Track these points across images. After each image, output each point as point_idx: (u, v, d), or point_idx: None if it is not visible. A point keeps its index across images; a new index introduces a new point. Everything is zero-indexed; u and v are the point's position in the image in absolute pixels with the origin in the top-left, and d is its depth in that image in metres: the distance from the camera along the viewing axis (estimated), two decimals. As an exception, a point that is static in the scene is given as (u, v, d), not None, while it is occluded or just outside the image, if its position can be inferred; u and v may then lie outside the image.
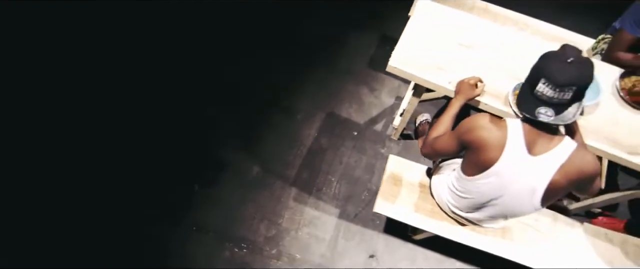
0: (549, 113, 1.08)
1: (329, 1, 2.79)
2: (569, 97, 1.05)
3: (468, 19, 1.77)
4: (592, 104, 1.50)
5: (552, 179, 1.15)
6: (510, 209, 1.33)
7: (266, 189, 2.13)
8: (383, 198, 1.71)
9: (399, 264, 1.98)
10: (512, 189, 1.23)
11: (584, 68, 1.04)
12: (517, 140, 1.15)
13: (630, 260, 1.65)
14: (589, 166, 1.13)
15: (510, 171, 1.19)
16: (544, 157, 1.14)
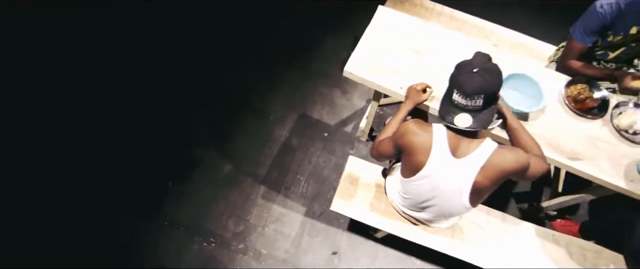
0: (467, 120, 1.15)
1: (305, 3, 2.86)
2: (480, 103, 1.13)
3: (424, 27, 1.83)
4: (535, 110, 1.56)
5: (474, 180, 1.22)
6: (445, 209, 1.40)
7: (236, 186, 2.22)
8: (340, 197, 1.79)
9: (360, 261, 2.07)
10: (442, 191, 1.31)
11: (488, 76, 1.12)
12: (442, 144, 1.23)
13: (574, 261, 1.72)
14: (509, 164, 1.20)
15: (437, 173, 1.27)
16: (466, 160, 1.21)
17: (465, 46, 1.77)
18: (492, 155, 1.20)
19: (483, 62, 1.15)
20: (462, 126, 1.16)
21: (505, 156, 1.21)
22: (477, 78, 1.12)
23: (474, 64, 1.14)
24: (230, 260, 2.04)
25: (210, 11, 2.81)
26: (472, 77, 1.12)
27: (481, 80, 1.11)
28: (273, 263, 2.04)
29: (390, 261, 2.07)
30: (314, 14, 2.81)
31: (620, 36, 1.72)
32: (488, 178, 1.22)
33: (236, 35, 2.74)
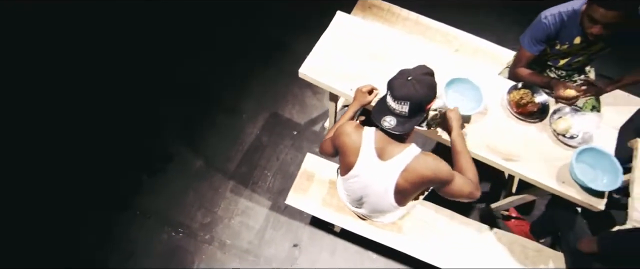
0: (392, 122, 1.24)
1: (279, 3, 2.95)
2: (406, 110, 1.21)
3: (381, 32, 1.92)
4: (473, 113, 1.64)
5: (396, 182, 1.31)
6: (376, 206, 1.50)
7: (207, 180, 2.34)
8: (295, 192, 1.89)
9: (320, 253, 2.17)
10: (371, 189, 1.41)
11: (418, 87, 1.19)
12: (369, 146, 1.32)
13: (515, 259, 1.79)
14: (428, 171, 1.28)
15: (365, 173, 1.36)
16: (390, 162, 1.30)
17: (421, 51, 1.86)
18: (413, 160, 1.28)
19: (419, 74, 1.22)
20: (386, 127, 1.25)
21: (426, 163, 1.29)
22: (408, 85, 1.20)
23: (410, 73, 1.23)
24: (196, 249, 2.15)
25: (188, 12, 2.93)
26: (405, 84, 1.20)
27: (411, 88, 1.19)
28: (236, 253, 2.15)
29: (348, 255, 2.16)
30: (289, 16, 2.91)
31: (566, 45, 1.80)
32: (408, 181, 1.31)
33: (213, 37, 2.85)
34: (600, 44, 1.76)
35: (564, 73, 2.01)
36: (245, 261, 2.13)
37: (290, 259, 2.15)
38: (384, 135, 1.31)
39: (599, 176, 1.57)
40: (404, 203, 1.44)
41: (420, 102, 1.22)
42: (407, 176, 1.29)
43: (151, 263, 2.12)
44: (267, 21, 2.89)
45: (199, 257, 2.13)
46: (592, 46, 1.78)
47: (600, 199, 1.55)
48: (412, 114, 1.23)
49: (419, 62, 1.35)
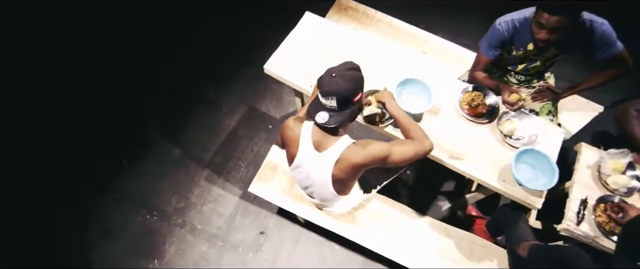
0: (325, 117, 1.33)
1: (260, 4, 3.06)
2: (334, 104, 1.30)
3: (344, 32, 2.01)
4: (420, 112, 1.74)
5: (332, 172, 1.41)
6: (322, 196, 1.60)
7: (183, 168, 2.47)
8: (258, 180, 2.00)
9: (284, 241, 2.27)
10: (313, 180, 1.51)
11: (341, 82, 1.29)
12: (307, 139, 1.42)
13: (461, 253, 1.87)
14: (360, 159, 1.37)
15: (305, 164, 1.46)
16: (325, 154, 1.40)
17: (385, 52, 1.95)
18: (344, 150, 1.38)
19: (342, 70, 1.33)
20: (320, 122, 1.34)
21: (356, 152, 1.38)
22: (333, 82, 1.29)
23: (335, 70, 1.33)
24: (168, 231, 2.28)
25: (173, 13, 3.06)
26: (330, 80, 1.30)
27: (335, 84, 1.29)
28: (206, 237, 2.27)
29: (311, 244, 2.26)
30: (272, 16, 3.00)
31: (521, 51, 1.87)
32: (342, 171, 1.40)
33: (197, 36, 2.98)
34: (552, 49, 1.83)
35: (523, 78, 2.08)
36: (213, 245, 2.26)
37: (256, 246, 2.26)
38: (319, 129, 1.40)
39: (538, 176, 1.64)
40: (344, 191, 1.53)
41: (345, 96, 1.31)
42: (340, 166, 1.39)
43: (125, 241, 2.26)
44: (251, 22, 3.01)
45: (170, 239, 2.26)
46: (544, 52, 1.85)
47: (539, 199, 1.63)
48: (341, 108, 1.33)
49: (377, 60, 1.43)
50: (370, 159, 1.39)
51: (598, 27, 1.67)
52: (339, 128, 1.40)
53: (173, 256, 2.23)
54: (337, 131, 1.41)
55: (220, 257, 2.23)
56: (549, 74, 2.11)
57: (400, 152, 1.43)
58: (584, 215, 1.60)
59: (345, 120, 1.35)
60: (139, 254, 2.23)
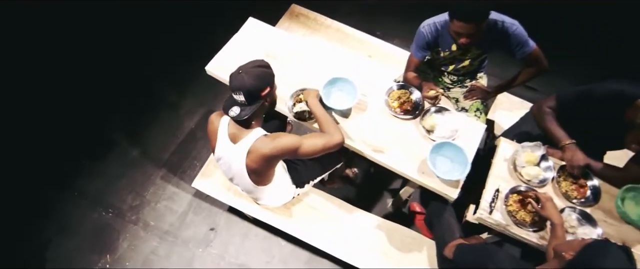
0: (237, 111, 1.44)
1: (222, 10, 3.19)
2: (242, 98, 1.41)
3: (282, 36, 2.14)
4: (345, 108, 1.83)
5: (245, 163, 1.51)
6: (244, 187, 1.69)
7: (141, 167, 2.57)
8: (202, 176, 2.10)
9: (233, 237, 2.35)
10: (233, 171, 1.61)
11: (246, 77, 1.40)
12: (224, 132, 1.53)
13: (392, 245, 1.94)
14: (269, 149, 1.47)
15: (224, 156, 1.57)
16: (239, 145, 1.50)
17: (324, 54, 2.06)
18: (255, 142, 1.48)
19: (249, 67, 1.44)
20: (232, 116, 1.45)
21: (265, 143, 1.48)
22: (239, 78, 1.41)
23: (243, 67, 1.45)
24: (122, 228, 2.37)
25: (142, 17, 3.20)
26: (237, 77, 1.41)
27: (241, 80, 1.40)
28: (158, 233, 2.35)
29: (259, 240, 2.34)
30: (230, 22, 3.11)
31: (447, 52, 1.98)
32: (254, 161, 1.50)
33: (164, 40, 3.11)
34: (473, 50, 1.94)
35: (456, 78, 2.19)
36: (165, 240, 2.34)
37: (206, 241, 2.34)
38: (234, 122, 1.51)
39: (455, 168, 1.72)
40: (262, 182, 1.62)
41: (251, 91, 1.42)
42: (252, 157, 1.49)
43: (80, 238, 2.34)
44: (214, 30, 3.10)
45: (124, 235, 2.35)
46: (468, 53, 1.96)
47: (454, 189, 1.71)
48: (249, 102, 1.43)
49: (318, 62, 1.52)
50: (279, 150, 1.49)
51: (509, 27, 1.79)
52: (252, 121, 1.51)
53: (125, 251, 2.31)
54: (249, 124, 1.51)
55: (170, 252, 2.31)
56: (482, 74, 2.22)
57: (310, 144, 1.54)
58: (496, 204, 1.68)
59: (255, 113, 1.46)
60: (92, 250, 2.31)
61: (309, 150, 1.54)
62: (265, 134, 1.51)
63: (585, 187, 1.71)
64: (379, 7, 3.24)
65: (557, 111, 1.79)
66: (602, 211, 1.69)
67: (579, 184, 1.71)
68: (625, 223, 1.65)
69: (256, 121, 1.53)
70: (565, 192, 1.70)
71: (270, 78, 1.48)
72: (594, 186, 1.71)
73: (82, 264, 2.27)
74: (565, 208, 1.65)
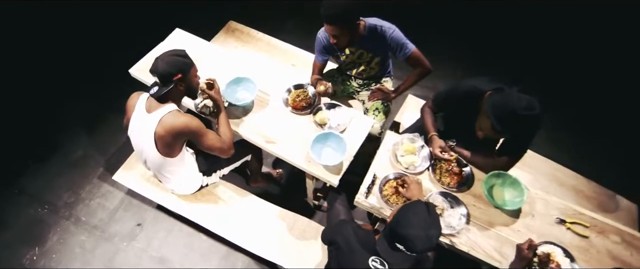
0: (156, 89, 1.68)
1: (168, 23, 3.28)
2: (157, 80, 1.67)
3: (204, 45, 2.39)
4: (242, 103, 2.03)
5: (155, 130, 1.70)
6: (151, 163, 1.87)
7: (81, 168, 2.73)
8: (124, 169, 2.26)
9: (158, 232, 2.46)
10: (143, 142, 1.79)
11: (160, 64, 1.66)
12: (142, 105, 1.76)
13: (291, 234, 2.05)
14: (178, 123, 1.68)
15: (136, 125, 1.79)
16: (152, 114, 1.71)
17: (236, 60, 2.29)
18: (168, 113, 1.69)
19: (166, 55, 1.70)
20: (150, 93, 1.71)
21: (177, 117, 1.70)
22: (155, 62, 1.68)
23: (161, 54, 1.70)
24: (54, 223, 2.50)
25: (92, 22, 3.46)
26: (154, 62, 1.68)
27: (155, 64, 1.67)
28: (87, 227, 2.48)
29: (182, 235, 2.45)
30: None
31: (344, 56, 2.19)
32: (164, 129, 1.69)
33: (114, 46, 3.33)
34: (365, 53, 2.14)
35: (362, 82, 2.38)
36: (92, 235, 2.46)
37: (131, 236, 2.45)
38: (152, 99, 1.74)
39: (336, 156, 1.87)
40: (167, 153, 1.79)
41: (164, 75, 1.67)
42: (163, 125, 1.69)
43: (14, 231, 2.47)
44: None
45: (55, 229, 2.47)
46: (363, 56, 2.16)
47: (335, 176, 1.85)
48: (163, 83, 1.69)
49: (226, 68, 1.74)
50: (186, 127, 1.70)
51: (387, 31, 2.00)
52: (167, 100, 1.73)
53: (54, 245, 2.42)
54: (165, 100, 1.73)
55: (96, 246, 2.42)
56: (387, 79, 2.41)
57: (211, 140, 1.78)
58: (373, 189, 1.80)
59: (169, 94, 1.71)
60: (23, 243, 2.43)
61: (207, 143, 1.78)
62: (179, 110, 1.73)
63: (459, 175, 1.84)
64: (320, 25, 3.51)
65: (434, 107, 1.96)
66: (473, 196, 1.81)
67: (453, 171, 1.84)
68: (493, 207, 1.77)
69: (173, 100, 1.76)
70: (440, 179, 1.84)
71: (183, 66, 1.71)
72: (467, 173, 1.84)
73: (10, 256, 2.38)
74: (434, 192, 1.78)
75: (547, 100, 3.29)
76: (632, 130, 3.00)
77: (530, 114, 1.47)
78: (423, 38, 2.24)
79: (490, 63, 3.37)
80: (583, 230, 1.71)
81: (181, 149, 1.85)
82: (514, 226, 1.73)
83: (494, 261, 1.65)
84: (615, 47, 3.50)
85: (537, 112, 1.49)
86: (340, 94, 2.46)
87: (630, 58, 3.42)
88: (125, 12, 3.64)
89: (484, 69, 3.32)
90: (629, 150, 2.90)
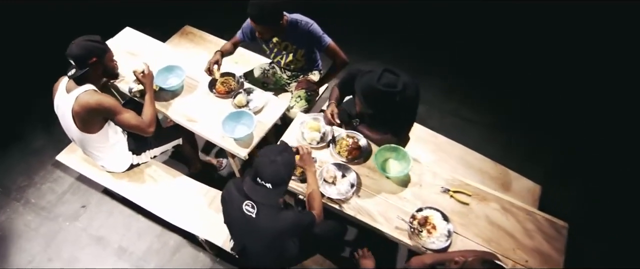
0: (73, 71, 1.88)
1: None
2: (73, 62, 1.86)
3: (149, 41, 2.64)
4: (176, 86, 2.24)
5: (72, 107, 1.90)
6: (73, 136, 2.06)
7: (39, 155, 2.94)
8: (67, 152, 2.46)
9: (100, 214, 2.63)
10: (65, 119, 2.00)
11: (73, 48, 1.85)
12: (63, 86, 1.96)
13: (211, 208, 2.19)
14: (92, 100, 1.88)
15: (59, 103, 1.98)
16: (70, 94, 1.91)
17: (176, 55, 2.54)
18: (84, 92, 1.90)
19: (79, 39, 1.90)
20: (68, 74, 1.90)
21: (92, 95, 1.90)
22: (69, 47, 1.87)
23: (75, 40, 1.90)
24: (5, 204, 2.68)
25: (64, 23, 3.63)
26: (69, 47, 1.87)
27: (70, 48, 1.86)
28: (35, 209, 2.65)
29: (123, 216, 2.61)
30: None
31: (272, 44, 2.41)
32: (80, 106, 1.88)
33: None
34: (289, 45, 2.35)
35: (290, 73, 2.60)
36: (39, 215, 2.62)
37: (75, 216, 2.61)
38: (70, 80, 1.94)
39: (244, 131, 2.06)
40: (85, 129, 1.98)
41: (77, 58, 1.87)
42: (79, 102, 1.89)
43: (-33, 211, 2.67)
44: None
45: (5, 210, 2.65)
46: (288, 48, 2.38)
47: (244, 149, 2.03)
48: (78, 66, 1.88)
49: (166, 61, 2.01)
50: (100, 105, 1.90)
51: (305, 25, 2.23)
52: (85, 80, 1.93)
53: (2, 223, 2.59)
54: (82, 82, 1.93)
55: (40, 225, 2.58)
56: (315, 72, 2.63)
57: (126, 117, 1.98)
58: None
59: (86, 76, 1.91)
60: (-27, 221, 2.61)
61: (123, 121, 1.97)
62: (95, 89, 1.93)
63: (357, 149, 2.00)
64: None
65: (339, 90, 2.16)
66: (368, 168, 1.97)
67: (352, 146, 2.01)
68: (386, 178, 1.91)
69: (90, 82, 1.95)
70: (339, 152, 2.00)
71: (96, 51, 1.92)
72: (364, 148, 2.01)
73: (-43, 233, 2.56)
74: (329, 162, 1.95)
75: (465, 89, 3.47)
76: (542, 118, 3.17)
77: (389, 91, 1.65)
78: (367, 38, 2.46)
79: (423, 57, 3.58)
80: (465, 198, 1.85)
81: (102, 127, 2.03)
82: (402, 194, 1.88)
83: (377, 223, 1.78)
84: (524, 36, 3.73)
85: (399, 90, 1.67)
86: (273, 86, 2.68)
87: (540, 48, 3.65)
88: (90, 15, 3.88)
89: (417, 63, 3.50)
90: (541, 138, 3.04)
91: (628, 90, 3.31)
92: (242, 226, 1.63)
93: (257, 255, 1.70)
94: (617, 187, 2.75)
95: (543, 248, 1.70)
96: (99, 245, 2.50)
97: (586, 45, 3.65)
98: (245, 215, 1.58)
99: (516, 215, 1.80)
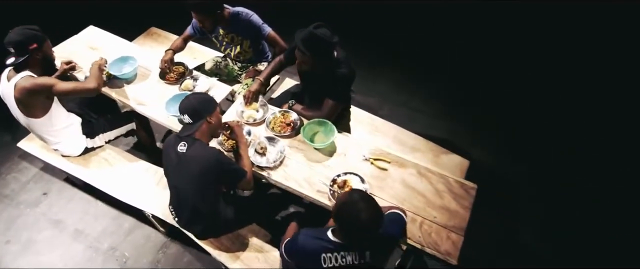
0: (12, 59, 2.04)
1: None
2: (11, 49, 2.02)
3: (111, 38, 2.85)
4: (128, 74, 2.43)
5: (13, 94, 2.05)
6: (25, 125, 2.21)
7: (7, 149, 3.06)
8: (27, 140, 2.60)
9: (60, 200, 2.75)
10: (10, 105, 2.15)
11: (11, 35, 2.01)
12: (5, 75, 2.12)
13: (160, 187, 2.32)
14: (27, 84, 2.02)
15: (3, 92, 2.13)
16: (11, 81, 2.06)
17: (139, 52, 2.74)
18: (21, 78, 2.05)
19: (18, 28, 2.06)
20: (8, 63, 2.06)
21: (26, 80, 2.03)
22: (8, 35, 2.03)
23: (13, 29, 2.07)
24: (-27, 194, 2.81)
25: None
26: (8, 35, 2.04)
27: (8, 36, 2.03)
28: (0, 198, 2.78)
29: (82, 202, 2.73)
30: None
31: (220, 36, 2.61)
32: (19, 92, 2.03)
33: None
34: (235, 36, 2.56)
35: (240, 65, 2.79)
36: (1, 202, 2.74)
37: (36, 203, 2.74)
38: (12, 70, 2.10)
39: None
40: (30, 114, 2.12)
41: (18, 44, 2.02)
42: (17, 88, 2.04)
43: None
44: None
45: (-33, 198, 2.78)
46: (234, 40, 2.58)
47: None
48: (17, 53, 2.03)
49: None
50: (36, 85, 2.04)
51: (246, 16, 2.45)
52: (25, 68, 2.08)
53: (-35, 210, 2.72)
54: (22, 69, 2.09)
55: (2, 211, 2.70)
56: (265, 63, 2.82)
57: (63, 86, 2.11)
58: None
59: (27, 63, 2.05)
60: (-62, 208, 2.73)
61: (61, 89, 2.09)
62: (32, 75, 2.08)
63: (289, 125, 2.16)
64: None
65: (284, 58, 2.35)
66: (298, 141, 2.13)
67: (285, 123, 2.17)
68: (314, 149, 2.07)
69: (30, 70, 2.08)
70: (273, 128, 2.16)
71: (36, 38, 2.07)
72: (295, 124, 2.17)
73: None
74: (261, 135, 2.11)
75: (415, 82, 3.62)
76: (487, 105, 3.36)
77: (324, 34, 1.88)
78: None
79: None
80: (385, 165, 2.00)
81: (47, 111, 2.16)
82: (327, 162, 2.03)
83: (302, 188, 1.92)
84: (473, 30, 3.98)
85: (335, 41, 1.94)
86: (225, 77, 2.87)
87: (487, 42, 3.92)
88: (57, 15, 3.76)
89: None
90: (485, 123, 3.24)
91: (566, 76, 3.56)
92: (175, 166, 1.82)
93: (185, 193, 1.86)
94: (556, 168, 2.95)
95: (451, 206, 1.85)
96: (56, 228, 2.61)
97: (527, 34, 3.94)
98: (178, 153, 1.79)
99: (430, 178, 1.96)
